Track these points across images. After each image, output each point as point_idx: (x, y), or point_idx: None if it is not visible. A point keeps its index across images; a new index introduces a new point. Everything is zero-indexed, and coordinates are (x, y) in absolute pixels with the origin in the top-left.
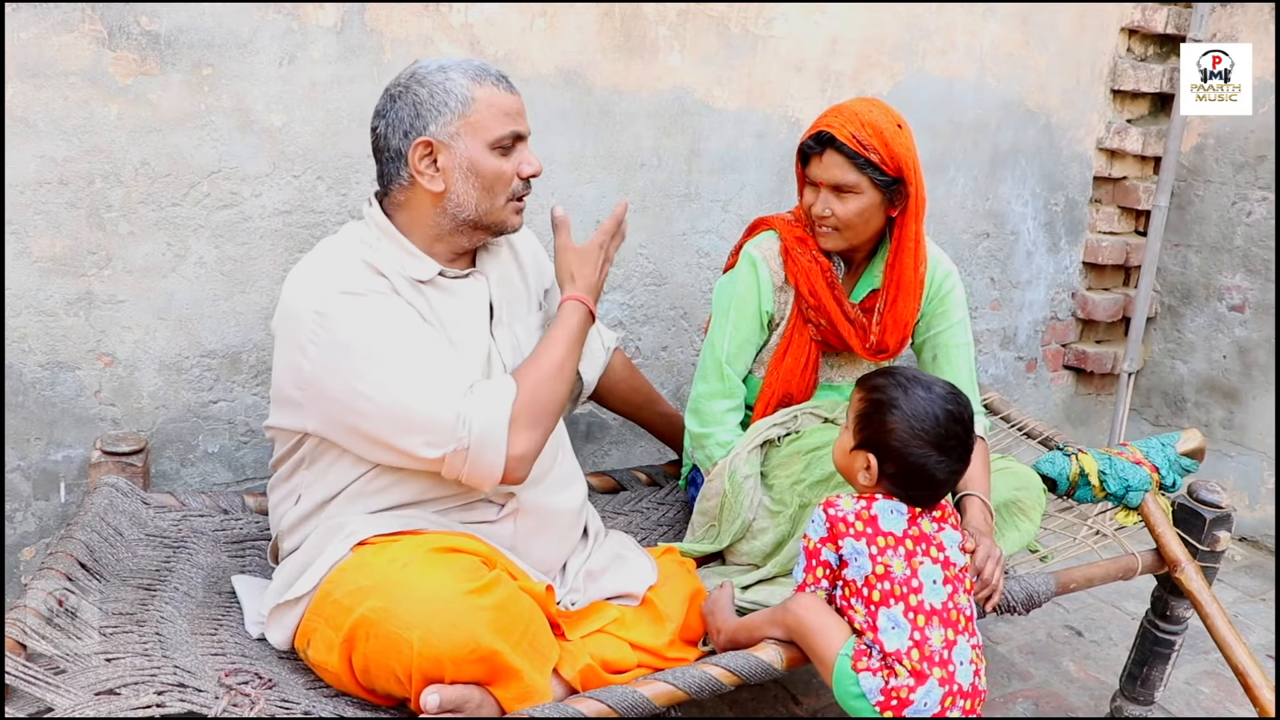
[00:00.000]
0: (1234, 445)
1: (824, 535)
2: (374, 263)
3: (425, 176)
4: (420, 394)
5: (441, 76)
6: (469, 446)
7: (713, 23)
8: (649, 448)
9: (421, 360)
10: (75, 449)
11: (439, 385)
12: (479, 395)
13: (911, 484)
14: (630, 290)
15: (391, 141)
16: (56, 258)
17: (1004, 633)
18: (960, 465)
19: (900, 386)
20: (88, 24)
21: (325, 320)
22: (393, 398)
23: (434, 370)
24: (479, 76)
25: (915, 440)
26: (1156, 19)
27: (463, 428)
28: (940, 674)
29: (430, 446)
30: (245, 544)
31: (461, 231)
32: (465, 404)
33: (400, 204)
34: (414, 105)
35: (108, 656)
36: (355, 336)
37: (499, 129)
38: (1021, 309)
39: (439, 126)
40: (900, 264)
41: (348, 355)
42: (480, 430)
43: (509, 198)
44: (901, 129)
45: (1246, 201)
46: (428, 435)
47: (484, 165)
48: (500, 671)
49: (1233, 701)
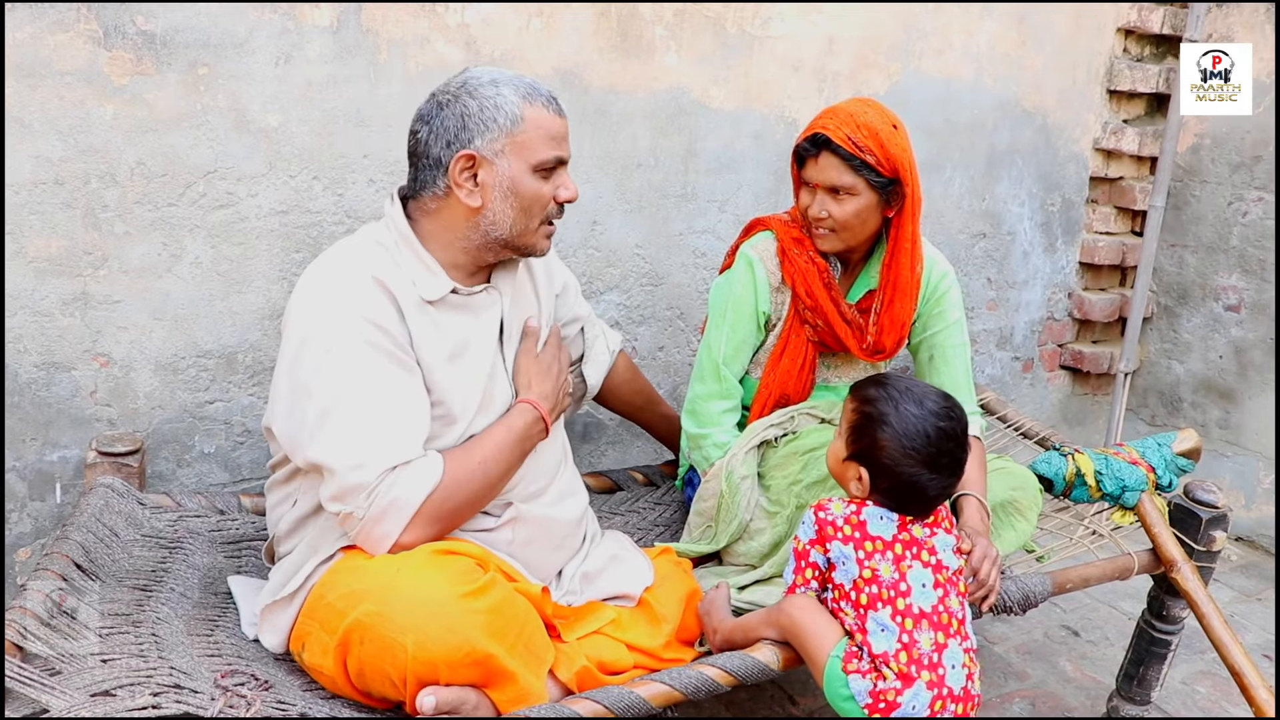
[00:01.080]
0: (1230, 445)
1: (813, 537)
2: (385, 280)
3: (464, 190)
4: (346, 457)
5: (493, 91)
6: (364, 518)
7: (709, 23)
8: (646, 448)
9: (366, 421)
10: (71, 449)
11: (369, 452)
12: (400, 476)
13: (903, 499)
14: (627, 290)
15: (433, 149)
16: (52, 258)
17: (1001, 633)
18: (953, 479)
19: (891, 400)
20: (83, 24)
21: (301, 351)
22: (321, 450)
23: (374, 435)
24: (530, 96)
25: (906, 459)
26: (1153, 19)
27: (365, 500)
28: (929, 676)
29: (334, 501)
30: (241, 545)
31: (489, 248)
32: (383, 479)
33: (429, 211)
34: (461, 116)
35: (103, 658)
36: (315, 383)
37: (544, 152)
38: (1018, 309)
39: (485, 141)
40: (897, 264)
41: (306, 396)
42: (381, 509)
43: (542, 221)
44: (897, 129)
45: (1242, 202)
46: (336, 492)
47: (524, 186)
48: (496, 674)
49: (1229, 701)
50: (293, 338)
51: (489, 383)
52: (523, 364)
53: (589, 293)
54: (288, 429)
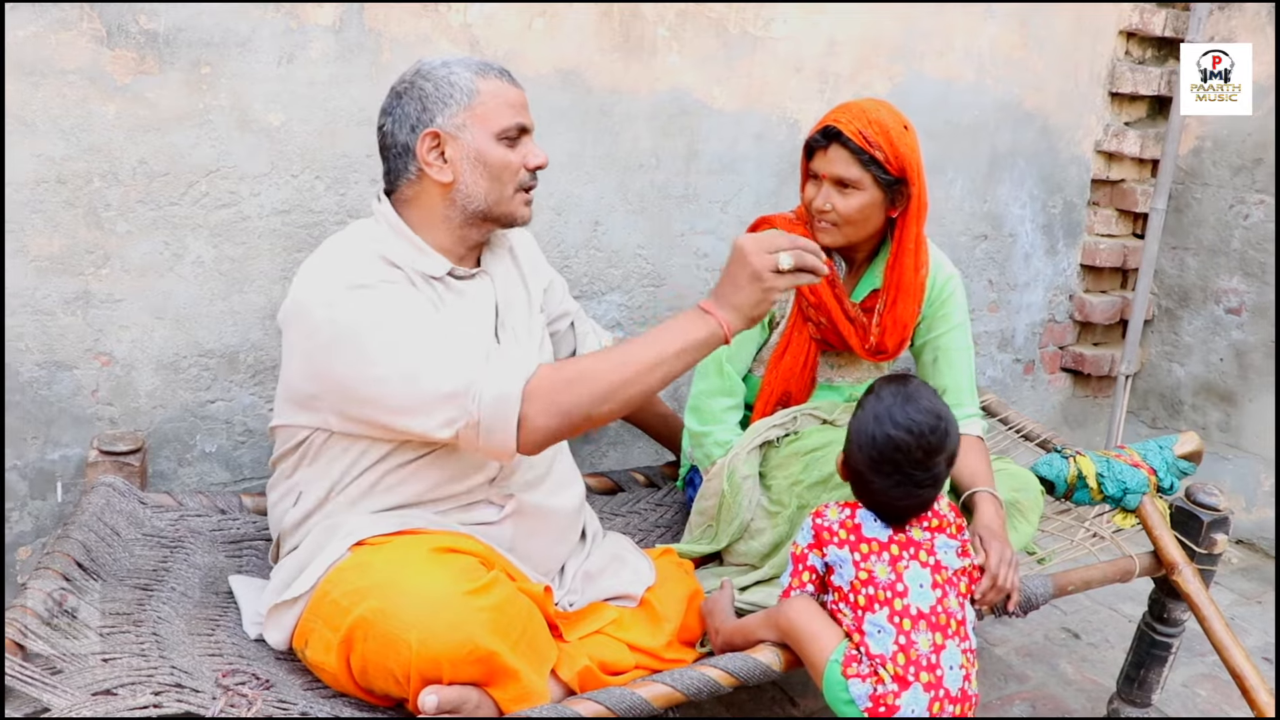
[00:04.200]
0: (1231, 448)
1: (811, 542)
2: (388, 256)
3: (434, 168)
4: (431, 371)
5: (446, 71)
6: (480, 420)
7: (711, 23)
8: (647, 449)
9: (432, 339)
10: (72, 448)
11: (450, 360)
12: (493, 368)
13: (869, 502)
14: (629, 291)
15: (399, 137)
16: (54, 257)
17: (1001, 635)
18: (909, 493)
19: (874, 401)
20: (86, 22)
21: (334, 311)
22: (404, 374)
23: (445, 347)
24: (483, 70)
25: (860, 459)
26: (1154, 22)
27: (473, 402)
28: (927, 678)
29: (444, 426)
30: (243, 544)
31: (472, 224)
32: (478, 375)
33: (409, 200)
34: (420, 100)
35: (105, 657)
36: (364, 323)
37: (505, 120)
38: (1019, 311)
39: (446, 118)
40: (900, 265)
41: (357, 341)
42: (491, 402)
43: (517, 188)
44: (908, 130)
45: (1244, 204)
46: (441, 413)
47: (491, 155)
48: (498, 672)
49: (1229, 704)
50: (312, 319)
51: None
52: (731, 271)
53: (591, 293)
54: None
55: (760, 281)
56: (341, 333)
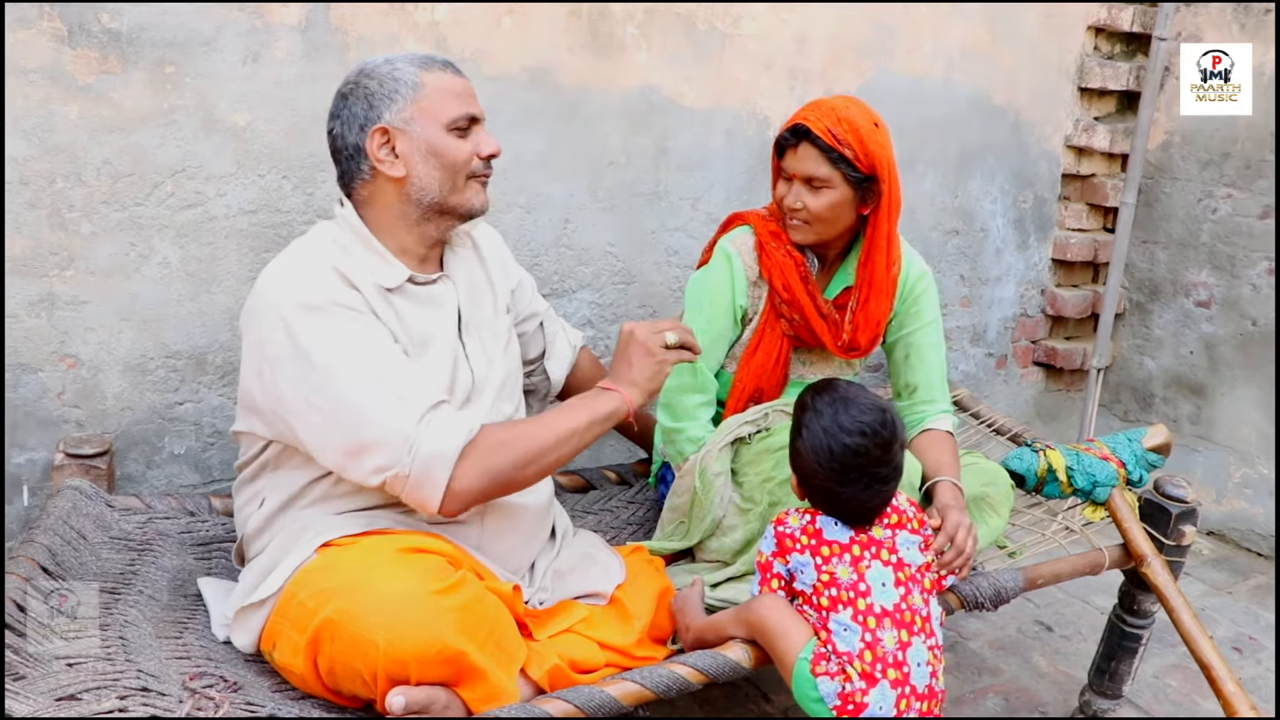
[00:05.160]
0: (1201, 440)
1: (774, 550)
2: (346, 271)
3: (386, 164)
4: (373, 416)
5: (389, 67)
6: (410, 474)
7: (680, 21)
8: (618, 446)
9: (380, 380)
10: (38, 452)
11: (393, 408)
12: (435, 421)
13: (829, 508)
14: (599, 289)
15: (349, 138)
16: (17, 258)
17: (974, 628)
18: (873, 492)
19: (815, 411)
20: (46, 21)
21: (289, 327)
22: (345, 413)
23: (391, 391)
24: (426, 64)
25: (817, 471)
26: (1123, 17)
27: (408, 454)
28: (894, 675)
29: (373, 474)
30: (211, 546)
31: (429, 219)
32: (417, 428)
33: (365, 200)
34: (366, 98)
35: (69, 661)
36: (315, 350)
37: (453, 110)
38: (991, 306)
39: (393, 114)
40: (873, 263)
41: (307, 364)
42: (425, 458)
43: (469, 177)
44: (878, 128)
45: (1212, 198)
46: (375, 459)
47: (443, 146)
48: (466, 672)
49: (1199, 694)
50: (265, 329)
51: (453, 373)
52: (626, 352)
53: (561, 291)
54: (288, 423)
55: (652, 356)
56: (292, 352)
